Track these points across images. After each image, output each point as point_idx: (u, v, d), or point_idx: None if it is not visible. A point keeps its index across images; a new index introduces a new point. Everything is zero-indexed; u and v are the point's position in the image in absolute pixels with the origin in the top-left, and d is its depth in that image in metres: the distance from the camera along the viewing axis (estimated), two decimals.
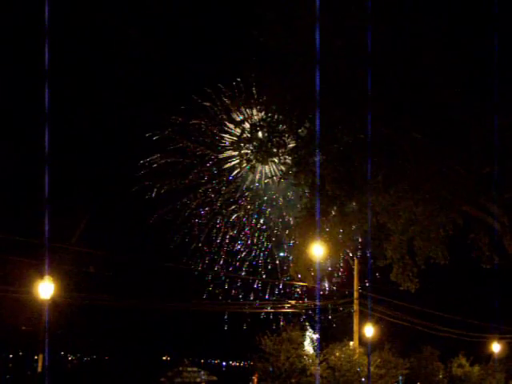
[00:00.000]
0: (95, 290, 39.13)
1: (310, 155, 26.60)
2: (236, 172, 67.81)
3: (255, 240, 74.21)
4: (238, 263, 74.57)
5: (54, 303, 32.29)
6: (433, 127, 25.50)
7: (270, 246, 71.82)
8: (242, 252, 74.40)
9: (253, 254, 75.61)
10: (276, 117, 26.99)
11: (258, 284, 70.39)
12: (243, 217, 72.55)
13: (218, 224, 74.04)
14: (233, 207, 72.03)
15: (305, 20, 24.64)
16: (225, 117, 65.90)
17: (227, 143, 66.18)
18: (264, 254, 73.11)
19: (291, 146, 27.59)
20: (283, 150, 27.36)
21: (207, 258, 73.70)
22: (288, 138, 27.26)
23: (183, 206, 73.00)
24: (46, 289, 27.49)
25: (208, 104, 66.55)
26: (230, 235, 74.63)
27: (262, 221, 72.71)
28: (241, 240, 74.42)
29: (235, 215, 72.49)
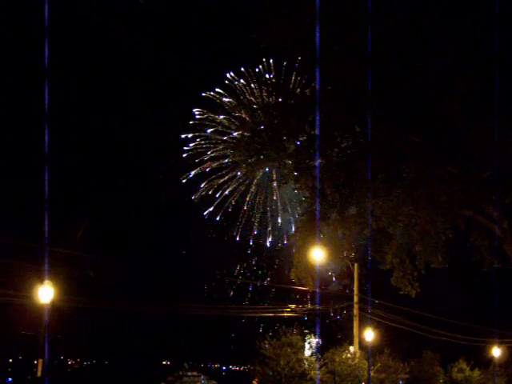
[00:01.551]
0: (95, 294, 39.10)
1: (310, 159, 26.62)
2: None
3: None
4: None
5: (54, 307, 32.22)
6: (433, 132, 25.53)
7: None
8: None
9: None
10: (276, 121, 27.01)
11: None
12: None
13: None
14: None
15: (304, 24, 24.69)
16: (225, 121, 65.84)
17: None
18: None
19: (291, 150, 27.57)
20: (283, 154, 27.37)
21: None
22: (288, 142, 27.26)
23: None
24: (45, 293, 27.45)
25: (203, 114, 66.43)
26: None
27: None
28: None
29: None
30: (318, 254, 31.67)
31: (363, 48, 24.04)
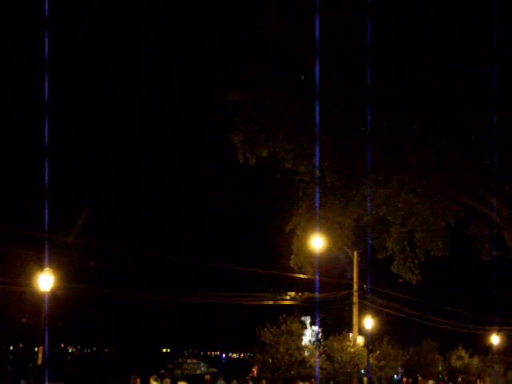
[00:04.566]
0: (95, 281, 39.12)
1: (310, 146, 26.56)
2: None
3: None
4: None
5: (54, 295, 32.29)
6: (433, 120, 25.51)
7: None
8: None
9: None
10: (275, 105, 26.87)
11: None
12: None
13: None
14: None
15: (305, 10, 24.63)
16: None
17: None
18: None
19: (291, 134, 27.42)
20: (282, 138, 27.21)
21: None
22: (288, 127, 27.12)
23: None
24: (45, 281, 27.48)
25: None
26: None
27: None
28: None
29: None
30: (318, 242, 31.69)
31: (363, 36, 24.00)
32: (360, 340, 41.93)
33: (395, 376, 54.84)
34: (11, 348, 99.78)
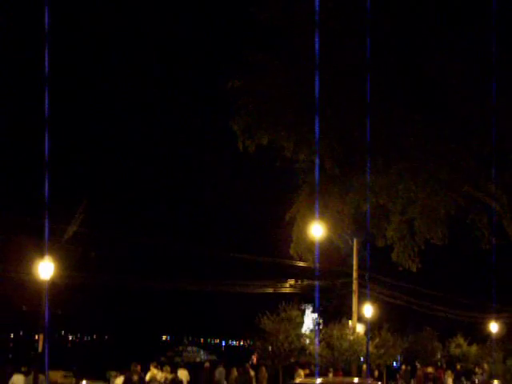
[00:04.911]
0: (96, 269, 39.23)
1: (310, 134, 26.59)
2: None
3: None
4: None
5: (54, 283, 32.33)
6: (433, 108, 25.53)
7: None
8: None
9: None
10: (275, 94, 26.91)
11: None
12: None
13: None
14: None
15: None
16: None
17: None
18: None
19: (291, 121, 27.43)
20: (282, 126, 27.24)
21: None
22: (287, 114, 27.14)
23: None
24: (46, 269, 27.46)
25: None
26: None
27: None
28: None
29: None
30: (317, 230, 31.73)
31: (363, 22, 23.98)
32: (360, 328, 42.05)
33: (394, 363, 55.07)
34: (12, 336, 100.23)
